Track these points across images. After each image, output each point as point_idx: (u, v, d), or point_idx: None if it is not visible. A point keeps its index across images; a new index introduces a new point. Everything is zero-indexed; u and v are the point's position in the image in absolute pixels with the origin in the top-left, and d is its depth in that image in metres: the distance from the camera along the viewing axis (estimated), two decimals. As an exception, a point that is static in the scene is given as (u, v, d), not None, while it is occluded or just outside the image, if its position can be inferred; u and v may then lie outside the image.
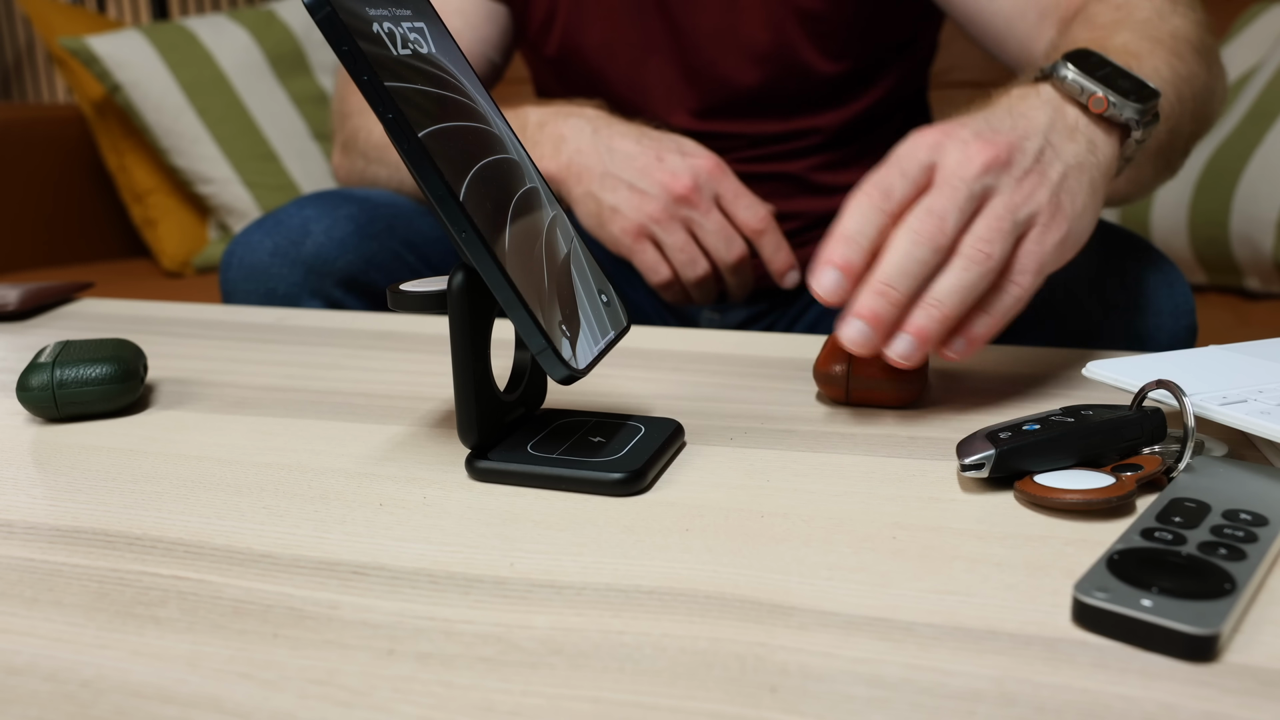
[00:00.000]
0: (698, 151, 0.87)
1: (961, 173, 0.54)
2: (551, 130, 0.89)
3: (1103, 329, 0.78)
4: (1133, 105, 0.60)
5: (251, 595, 0.39)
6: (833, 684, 0.33)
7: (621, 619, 0.37)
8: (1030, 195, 0.55)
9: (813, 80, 1.01)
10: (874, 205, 0.54)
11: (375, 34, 0.44)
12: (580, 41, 1.05)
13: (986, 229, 0.53)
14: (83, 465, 0.52)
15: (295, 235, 0.91)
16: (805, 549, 0.42)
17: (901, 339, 0.53)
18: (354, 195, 0.96)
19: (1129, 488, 0.44)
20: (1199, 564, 0.37)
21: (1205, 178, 1.54)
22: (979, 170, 0.54)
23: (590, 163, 0.87)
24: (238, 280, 0.92)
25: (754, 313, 1.10)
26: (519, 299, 0.45)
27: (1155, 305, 0.77)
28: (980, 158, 0.54)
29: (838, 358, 0.59)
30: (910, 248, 0.52)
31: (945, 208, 0.53)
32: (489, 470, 0.49)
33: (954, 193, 0.53)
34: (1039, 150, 0.57)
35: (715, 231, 0.87)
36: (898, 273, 0.52)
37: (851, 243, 0.53)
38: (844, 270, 0.53)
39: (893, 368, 0.56)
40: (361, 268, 0.92)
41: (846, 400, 0.59)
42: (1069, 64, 0.60)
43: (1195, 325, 0.78)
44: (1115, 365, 0.53)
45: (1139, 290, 0.77)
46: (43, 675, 0.34)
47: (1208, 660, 0.33)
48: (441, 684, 0.33)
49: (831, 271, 0.52)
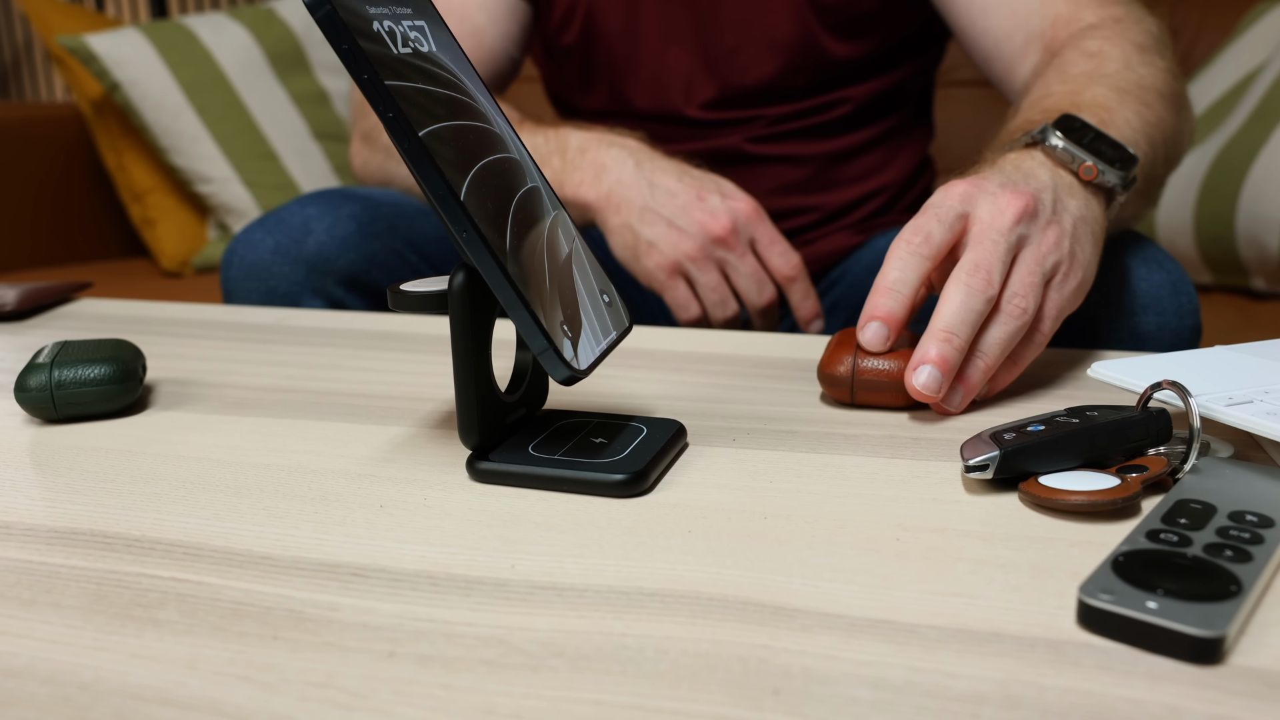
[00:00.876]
0: (737, 194, 0.89)
1: (998, 225, 0.58)
2: (593, 157, 0.90)
3: (1106, 329, 0.78)
4: (1117, 172, 0.66)
5: (251, 597, 0.39)
6: (836, 687, 0.33)
7: (624, 621, 0.37)
8: (1055, 245, 0.60)
9: (828, 67, 1.03)
10: (915, 252, 0.59)
11: (375, 32, 0.44)
12: (602, 28, 1.06)
13: (1022, 285, 0.58)
14: (81, 466, 0.52)
15: (297, 234, 0.91)
16: (808, 551, 0.42)
17: (956, 390, 0.58)
18: (356, 194, 0.96)
19: (1134, 489, 0.44)
20: (1205, 566, 0.37)
21: (1211, 177, 1.54)
22: (1012, 221, 0.59)
23: (631, 195, 0.88)
24: (239, 279, 0.92)
25: None
26: (520, 299, 0.45)
27: (1159, 305, 0.77)
28: (1012, 209, 0.59)
29: (842, 358, 0.59)
30: (967, 299, 0.56)
31: (990, 262, 0.57)
32: (490, 471, 0.49)
33: (994, 246, 0.58)
34: (1053, 202, 0.62)
35: (749, 275, 0.89)
36: (959, 323, 0.56)
37: (894, 294, 0.59)
38: (887, 321, 0.58)
39: (897, 369, 0.58)
40: (363, 267, 0.92)
41: (851, 401, 0.59)
42: (1057, 132, 0.65)
43: (1200, 325, 0.78)
44: (1120, 366, 0.53)
45: (1143, 290, 0.77)
46: (41, 678, 0.34)
47: (1214, 663, 0.33)
48: (442, 686, 0.33)
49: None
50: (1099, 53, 0.80)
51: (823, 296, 1.09)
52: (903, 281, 0.58)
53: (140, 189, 2.03)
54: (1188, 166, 1.58)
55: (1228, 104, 1.61)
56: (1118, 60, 0.79)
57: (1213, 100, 1.64)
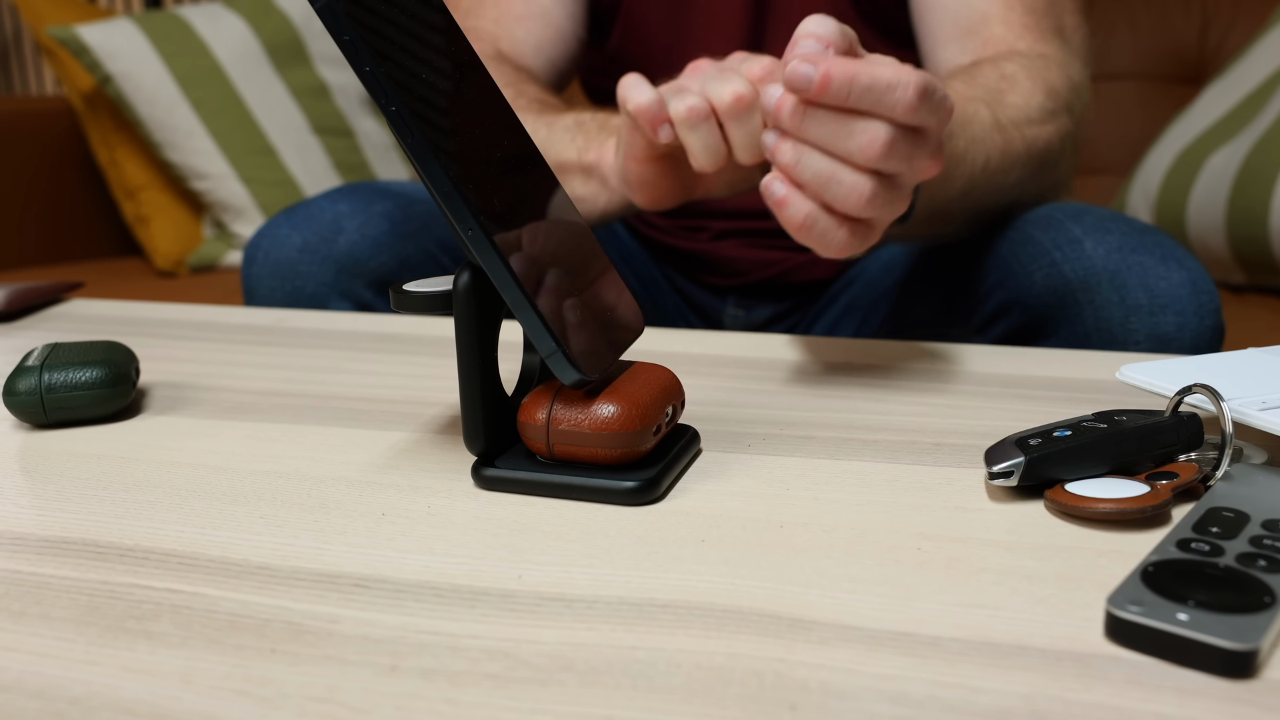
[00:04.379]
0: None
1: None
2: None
3: (1124, 330, 0.77)
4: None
5: (248, 609, 0.39)
6: (855, 701, 0.33)
7: (634, 634, 0.37)
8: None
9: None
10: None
11: (376, 24, 0.44)
12: (643, 23, 1.06)
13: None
14: (72, 473, 0.52)
15: (327, 232, 0.90)
16: (826, 560, 0.42)
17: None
18: (389, 190, 0.96)
19: (1164, 497, 0.44)
20: (1237, 576, 0.37)
21: (1243, 174, 1.53)
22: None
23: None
24: (262, 277, 0.91)
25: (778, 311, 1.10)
26: (528, 299, 0.45)
27: (1179, 305, 0.77)
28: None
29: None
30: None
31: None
32: (496, 478, 0.49)
33: None
34: None
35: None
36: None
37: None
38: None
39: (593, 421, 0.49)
40: (395, 269, 0.91)
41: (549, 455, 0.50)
42: None
43: (1222, 325, 0.78)
44: (1150, 368, 0.53)
45: (1161, 289, 0.77)
46: (30, 692, 0.34)
47: (1246, 677, 0.33)
48: (447, 701, 0.33)
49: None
50: (1012, 78, 0.84)
51: (837, 298, 1.09)
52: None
53: (133, 185, 2.04)
54: (1219, 163, 1.57)
55: (1259, 99, 1.61)
56: (1020, 100, 0.83)
57: (1243, 95, 1.64)
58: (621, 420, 0.47)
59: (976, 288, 0.88)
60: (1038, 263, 0.81)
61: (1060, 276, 0.80)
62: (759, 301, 1.13)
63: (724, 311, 1.13)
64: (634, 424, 0.47)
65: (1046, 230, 0.83)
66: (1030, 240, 0.83)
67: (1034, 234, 0.83)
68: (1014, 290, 0.83)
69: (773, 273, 1.11)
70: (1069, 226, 0.82)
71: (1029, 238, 0.83)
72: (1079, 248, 0.80)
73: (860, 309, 1.04)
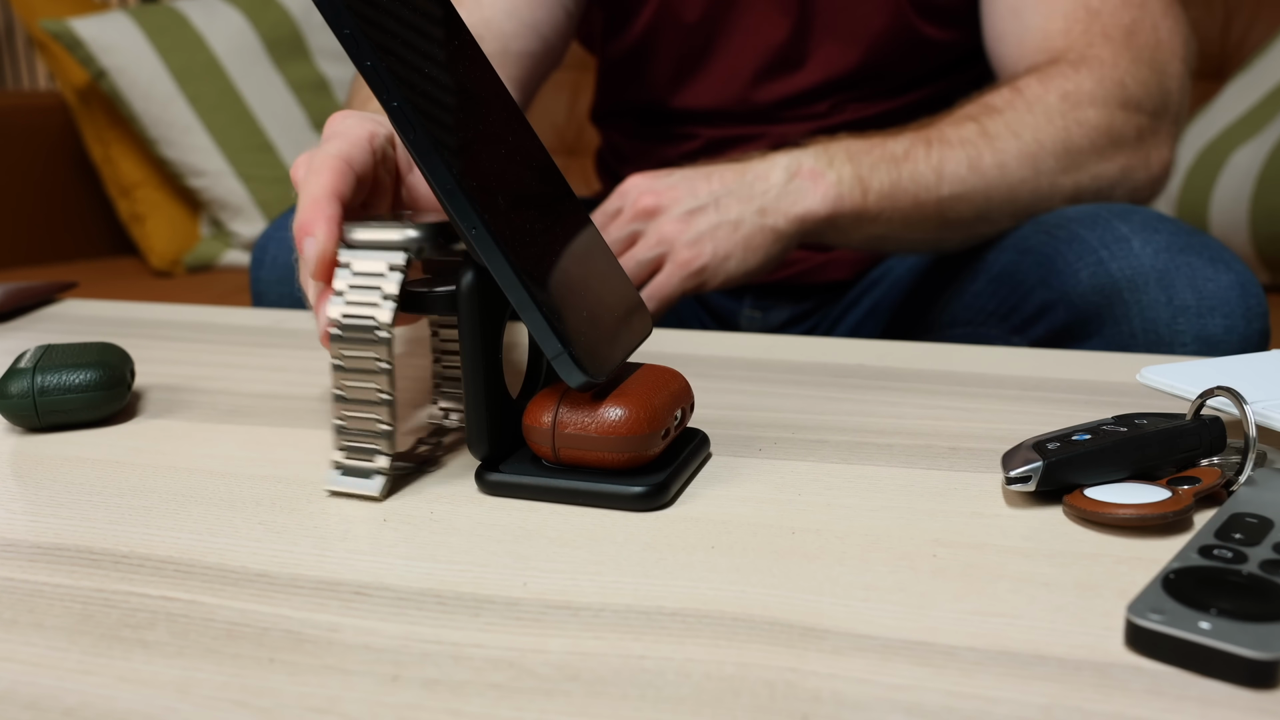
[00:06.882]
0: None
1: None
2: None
3: (1171, 331, 0.77)
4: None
5: (246, 617, 0.39)
6: (869, 712, 0.33)
7: (642, 643, 0.37)
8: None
9: (918, 56, 1.06)
10: None
11: (377, 17, 0.44)
12: (676, 18, 1.06)
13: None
14: (65, 478, 0.53)
15: None
16: (839, 568, 0.42)
17: None
18: None
19: (1186, 502, 0.44)
20: (1261, 584, 0.37)
21: (1267, 171, 1.53)
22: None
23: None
24: (271, 280, 0.91)
25: (797, 312, 1.10)
26: (533, 299, 0.45)
27: (1227, 307, 0.77)
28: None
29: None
30: None
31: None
32: (501, 483, 0.49)
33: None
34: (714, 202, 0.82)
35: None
36: None
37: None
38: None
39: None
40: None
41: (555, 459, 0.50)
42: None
43: (1268, 330, 0.78)
44: (1171, 370, 0.53)
45: (1209, 291, 0.77)
46: (23, 703, 0.34)
47: (1270, 687, 0.33)
48: (450, 712, 0.33)
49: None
50: (1025, 120, 0.87)
51: (861, 299, 1.09)
52: None
53: (128, 183, 2.04)
54: (1242, 160, 1.57)
55: (1283, 95, 1.61)
56: (1021, 108, 0.87)
57: (1267, 91, 1.63)
58: (629, 424, 0.47)
59: (1017, 286, 0.87)
60: (1084, 260, 0.81)
61: (1107, 275, 0.79)
62: (777, 303, 1.12)
63: (740, 313, 1.12)
64: (642, 428, 0.47)
65: (1093, 228, 0.82)
66: (1076, 238, 0.82)
67: (1080, 232, 0.83)
68: (1057, 289, 0.82)
69: (791, 273, 1.10)
70: (1116, 225, 0.81)
71: (1074, 235, 0.83)
72: (1126, 246, 0.79)
73: (885, 311, 1.04)
